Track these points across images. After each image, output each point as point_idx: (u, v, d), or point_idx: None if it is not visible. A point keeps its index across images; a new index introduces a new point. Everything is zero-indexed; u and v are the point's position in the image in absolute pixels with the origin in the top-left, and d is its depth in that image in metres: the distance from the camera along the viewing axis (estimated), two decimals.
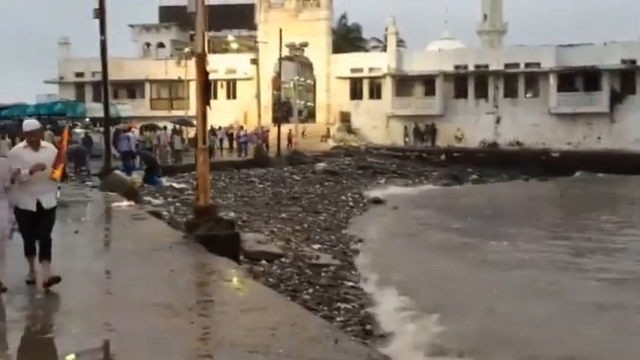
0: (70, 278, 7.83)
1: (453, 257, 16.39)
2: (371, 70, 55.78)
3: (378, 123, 54.95)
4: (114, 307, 7.20)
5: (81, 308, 7.15)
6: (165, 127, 39.82)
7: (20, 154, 7.56)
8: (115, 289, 8.20)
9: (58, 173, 7.54)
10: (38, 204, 7.52)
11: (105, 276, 9.00)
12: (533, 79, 52.96)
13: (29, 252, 7.69)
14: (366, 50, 67.87)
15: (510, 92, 52.95)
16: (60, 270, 7.72)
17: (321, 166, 39.23)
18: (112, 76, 31.51)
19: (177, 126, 43.20)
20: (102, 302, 7.50)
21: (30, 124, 7.77)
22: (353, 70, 55.94)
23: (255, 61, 47.75)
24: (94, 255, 10.59)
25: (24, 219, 7.55)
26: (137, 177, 25.54)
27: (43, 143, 7.76)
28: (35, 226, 7.54)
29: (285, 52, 47.94)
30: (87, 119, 38.81)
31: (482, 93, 53.34)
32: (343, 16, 72.22)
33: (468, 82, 53.89)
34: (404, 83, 55.27)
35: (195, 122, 14.16)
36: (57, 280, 7.49)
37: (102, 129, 26.78)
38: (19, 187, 7.44)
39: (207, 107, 11.76)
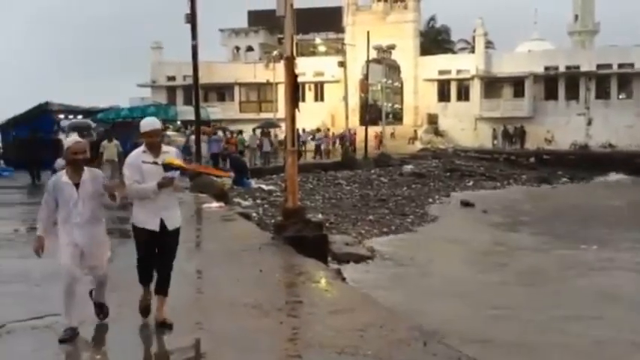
0: None
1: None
2: (459, 72, 55.10)
3: (465, 125, 54.22)
4: (205, 306, 7.33)
5: (173, 307, 7.30)
6: (253, 130, 40.45)
7: (138, 161, 6.14)
8: (206, 289, 8.35)
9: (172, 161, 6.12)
10: (161, 223, 6.18)
11: (196, 276, 9.19)
12: (627, 80, 51.34)
13: (145, 281, 6.42)
14: (454, 52, 66.97)
15: (602, 93, 51.64)
16: None
17: (408, 168, 38.96)
18: (203, 79, 32.23)
19: (266, 129, 43.77)
20: (193, 302, 7.63)
21: (149, 123, 6.25)
22: (441, 72, 55.39)
23: (342, 64, 47.92)
24: (185, 255, 10.84)
25: (142, 241, 6.23)
26: (227, 179, 26.00)
27: (164, 147, 6.30)
28: (155, 251, 6.27)
29: (373, 54, 47.83)
30: (178, 122, 39.83)
31: (573, 94, 52.11)
32: (432, 18, 71.64)
33: (559, 84, 52.71)
34: (492, 85, 54.33)
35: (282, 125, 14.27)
36: (169, 326, 6.28)
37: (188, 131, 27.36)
38: (138, 202, 6.22)
39: (296, 110, 11.85)
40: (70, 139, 6.33)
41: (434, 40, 68.34)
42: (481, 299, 12.08)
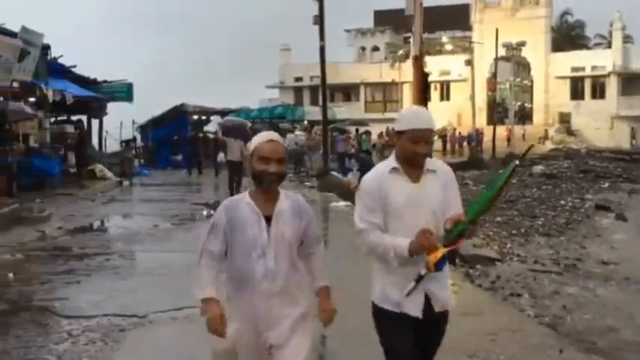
0: None
1: None
2: (594, 68, 52.83)
3: (600, 124, 51.87)
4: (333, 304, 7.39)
5: None
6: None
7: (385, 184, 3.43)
8: (334, 286, 8.40)
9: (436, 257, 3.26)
10: (427, 303, 3.45)
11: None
12: None
13: None
14: (588, 48, 64.21)
15: None
16: None
17: (538, 168, 37.68)
18: (329, 79, 32.65)
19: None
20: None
21: (425, 120, 3.42)
22: (574, 69, 53.30)
23: (469, 62, 47.20)
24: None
25: (396, 332, 3.48)
26: (353, 178, 26.22)
27: (430, 164, 3.45)
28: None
29: (501, 52, 46.70)
30: (305, 122, 40.58)
31: None
32: (566, 13, 68.94)
33: None
34: (631, 82, 51.67)
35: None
36: None
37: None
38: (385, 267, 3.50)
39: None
40: (259, 137, 3.39)
41: (567, 36, 65.83)
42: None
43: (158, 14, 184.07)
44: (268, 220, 3.30)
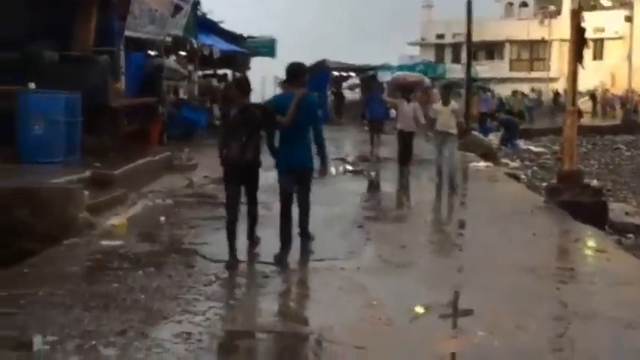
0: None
1: None
2: None
3: None
4: (475, 266, 7.23)
5: (439, 268, 7.34)
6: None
7: None
8: (471, 248, 8.20)
9: None
10: None
11: (464, 234, 9.15)
12: None
13: None
14: None
15: None
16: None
17: None
18: (473, 37, 31.66)
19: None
20: (462, 261, 7.58)
21: None
22: None
23: (629, 19, 44.12)
24: (454, 213, 10.93)
25: None
26: (494, 138, 25.53)
27: None
28: None
29: None
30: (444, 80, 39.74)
31: None
32: None
33: None
34: None
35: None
36: None
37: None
38: None
39: (580, 66, 11.13)
40: None
41: None
42: None
43: None
44: None
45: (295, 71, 7.26)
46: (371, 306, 5.71)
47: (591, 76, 46.89)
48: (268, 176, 7.71)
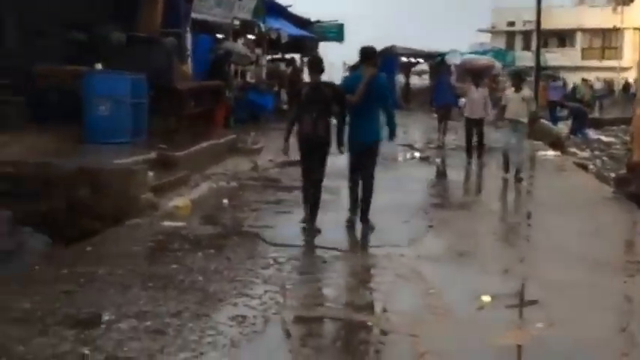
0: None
1: None
2: None
3: None
4: (538, 257, 7.07)
5: (503, 257, 7.18)
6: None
7: None
8: (538, 238, 8.03)
9: None
10: None
11: (530, 224, 8.95)
12: None
13: None
14: None
15: None
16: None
17: None
18: (543, 24, 30.75)
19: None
20: (526, 251, 7.42)
21: None
22: None
23: None
24: (520, 203, 10.71)
25: None
26: (563, 127, 24.86)
27: None
28: None
29: None
30: (513, 67, 38.87)
31: None
32: None
33: None
34: None
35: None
36: None
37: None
38: None
39: None
40: None
41: None
42: None
43: None
44: None
45: (368, 52, 7.84)
46: (428, 294, 5.64)
47: None
48: (334, 161, 7.76)
